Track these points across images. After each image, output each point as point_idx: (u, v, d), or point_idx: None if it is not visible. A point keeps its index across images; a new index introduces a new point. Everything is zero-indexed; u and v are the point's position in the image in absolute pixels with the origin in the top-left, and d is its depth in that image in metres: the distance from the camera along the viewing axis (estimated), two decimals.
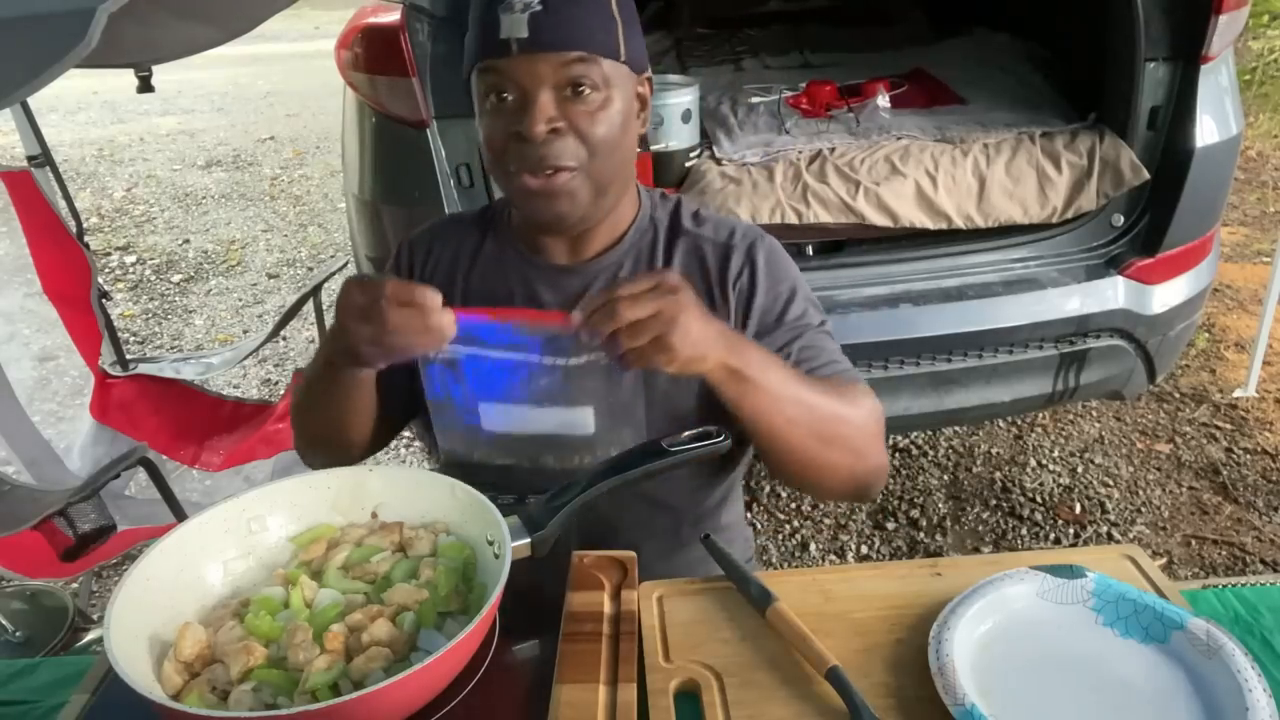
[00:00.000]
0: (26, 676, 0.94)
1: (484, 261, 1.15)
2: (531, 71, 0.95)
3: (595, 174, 1.00)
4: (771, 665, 0.85)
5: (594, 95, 0.97)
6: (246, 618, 0.80)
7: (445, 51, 1.96)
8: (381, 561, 0.88)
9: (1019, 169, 2.19)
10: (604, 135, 0.98)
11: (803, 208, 2.15)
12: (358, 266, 2.33)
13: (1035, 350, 2.15)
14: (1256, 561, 2.39)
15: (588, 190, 1.01)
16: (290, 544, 0.91)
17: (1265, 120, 5.88)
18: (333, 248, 4.79)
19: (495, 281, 1.13)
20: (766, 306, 1.08)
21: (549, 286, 1.11)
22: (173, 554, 0.84)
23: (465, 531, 0.90)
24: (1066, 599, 0.89)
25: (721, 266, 1.09)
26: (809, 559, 2.45)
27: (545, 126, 0.95)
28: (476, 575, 0.87)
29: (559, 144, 0.97)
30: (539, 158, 0.97)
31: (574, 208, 1.01)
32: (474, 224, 1.19)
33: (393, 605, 0.82)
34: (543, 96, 0.95)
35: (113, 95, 7.90)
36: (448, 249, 1.17)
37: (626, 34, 0.99)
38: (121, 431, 2.35)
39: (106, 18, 0.72)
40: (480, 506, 0.87)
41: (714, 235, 1.11)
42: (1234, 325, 3.56)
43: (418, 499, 0.92)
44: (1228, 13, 2.02)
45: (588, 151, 0.98)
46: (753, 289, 1.08)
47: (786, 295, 1.09)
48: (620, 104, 0.99)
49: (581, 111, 0.97)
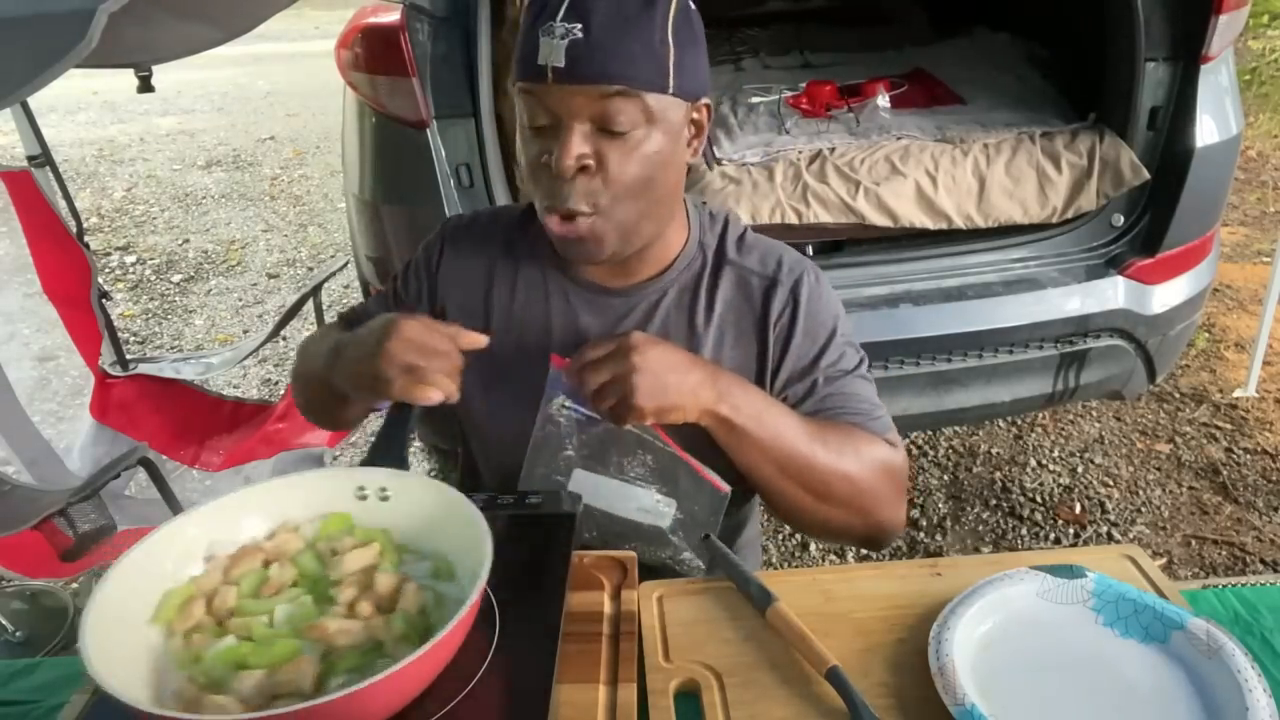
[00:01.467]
0: (26, 676, 0.94)
1: (523, 275, 1.10)
2: (566, 103, 0.90)
3: (620, 216, 0.95)
4: (771, 665, 0.85)
5: (632, 134, 0.91)
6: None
7: (445, 51, 1.96)
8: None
9: (1019, 169, 2.19)
10: (635, 176, 0.93)
11: (803, 208, 2.15)
12: (358, 266, 2.33)
13: (1035, 350, 2.15)
14: (1256, 561, 2.39)
15: (612, 232, 0.96)
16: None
17: (1265, 120, 5.88)
18: (333, 248, 4.79)
19: (532, 297, 1.09)
20: (803, 350, 1.06)
21: (589, 308, 1.07)
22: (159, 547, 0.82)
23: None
24: (1066, 599, 0.89)
25: (765, 303, 1.06)
26: (809, 559, 2.45)
27: (574, 164, 0.90)
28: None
29: (583, 183, 0.92)
30: (562, 195, 0.93)
31: (599, 249, 0.97)
32: (517, 228, 1.12)
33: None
34: (575, 131, 0.90)
35: (113, 95, 7.90)
36: (481, 257, 1.12)
37: (680, 61, 0.91)
38: (121, 431, 2.35)
39: (106, 18, 0.72)
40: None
41: (760, 268, 1.08)
42: (1234, 325, 3.56)
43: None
44: (1228, 13, 2.02)
45: (612, 195, 0.93)
46: (791, 330, 1.06)
47: (824, 339, 1.07)
48: (661, 140, 0.93)
49: (615, 149, 0.91)
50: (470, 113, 1.99)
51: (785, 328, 1.06)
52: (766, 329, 1.06)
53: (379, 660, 0.75)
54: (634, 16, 0.88)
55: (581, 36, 0.87)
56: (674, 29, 0.91)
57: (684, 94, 0.94)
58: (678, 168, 0.99)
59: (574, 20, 0.87)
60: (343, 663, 0.74)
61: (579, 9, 0.88)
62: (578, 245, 0.97)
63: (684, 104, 0.95)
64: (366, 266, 2.23)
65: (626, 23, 0.88)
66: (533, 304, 1.09)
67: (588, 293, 1.08)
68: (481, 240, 1.14)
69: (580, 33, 0.87)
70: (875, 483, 1.00)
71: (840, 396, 1.05)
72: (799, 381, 1.06)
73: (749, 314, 1.07)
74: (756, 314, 1.07)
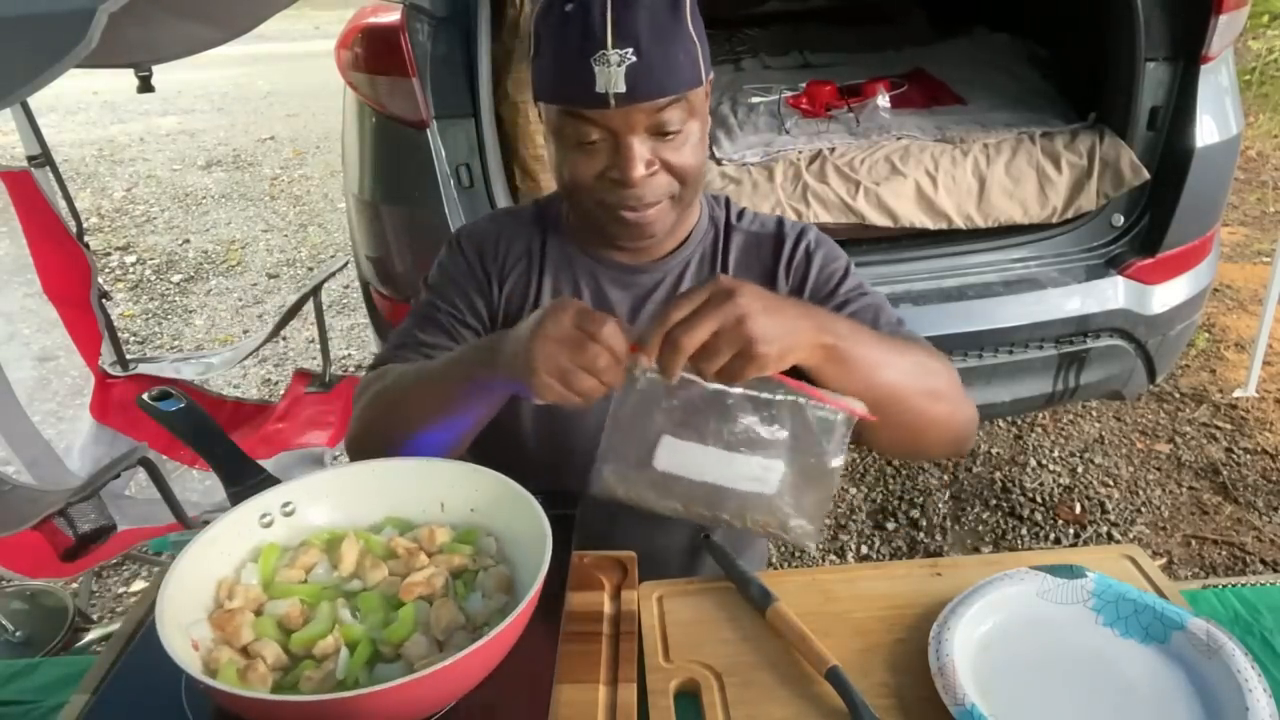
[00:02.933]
0: (26, 676, 0.94)
1: (551, 260, 1.14)
2: (627, 121, 0.94)
3: (684, 198, 1.03)
4: (771, 665, 0.85)
5: (683, 130, 0.98)
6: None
7: (445, 51, 1.96)
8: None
9: (1019, 169, 2.19)
10: (692, 164, 1.00)
11: (803, 208, 2.15)
12: (358, 266, 2.33)
13: (1035, 350, 2.15)
14: (1256, 561, 2.39)
15: (677, 212, 1.05)
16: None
17: (1265, 120, 5.88)
18: (333, 248, 4.79)
19: (564, 280, 1.13)
20: (821, 281, 1.11)
21: (616, 285, 1.13)
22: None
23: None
24: (1066, 599, 0.89)
25: (775, 252, 1.13)
26: (809, 559, 2.45)
27: (644, 172, 0.97)
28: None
29: (653, 182, 0.99)
30: (635, 196, 0.99)
31: (663, 229, 1.05)
32: (533, 221, 1.16)
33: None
34: (637, 144, 0.96)
35: (113, 95, 7.90)
36: (517, 244, 1.15)
37: (703, 47, 0.98)
38: (121, 431, 2.35)
39: (106, 18, 0.72)
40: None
41: (762, 229, 1.16)
42: (1234, 325, 3.56)
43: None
44: (1228, 13, 2.02)
45: (679, 182, 1.00)
46: (807, 266, 1.12)
47: (841, 271, 1.13)
48: (699, 126, 1.00)
49: (669, 148, 0.98)
50: (470, 113, 1.99)
51: (800, 269, 1.12)
52: (776, 277, 1.12)
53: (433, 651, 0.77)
54: (670, 25, 0.93)
55: (636, 59, 0.91)
56: (693, 21, 0.96)
57: (708, 75, 1.00)
58: (706, 142, 1.06)
59: (624, 44, 0.91)
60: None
61: (625, 32, 0.91)
62: (643, 229, 1.03)
63: (706, 85, 1.00)
64: (366, 266, 2.23)
65: (666, 32, 0.93)
66: (564, 286, 1.13)
67: (615, 271, 1.12)
68: (510, 228, 1.16)
69: (634, 55, 0.91)
70: (954, 373, 1.01)
71: (871, 310, 1.09)
72: (824, 304, 1.09)
73: (758, 267, 1.13)
74: (766, 266, 1.13)
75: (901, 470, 2.81)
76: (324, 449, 2.25)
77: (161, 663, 0.70)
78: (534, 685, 0.78)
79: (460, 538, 0.89)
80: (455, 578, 0.85)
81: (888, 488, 2.74)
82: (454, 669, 0.68)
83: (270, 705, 0.70)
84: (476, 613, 0.81)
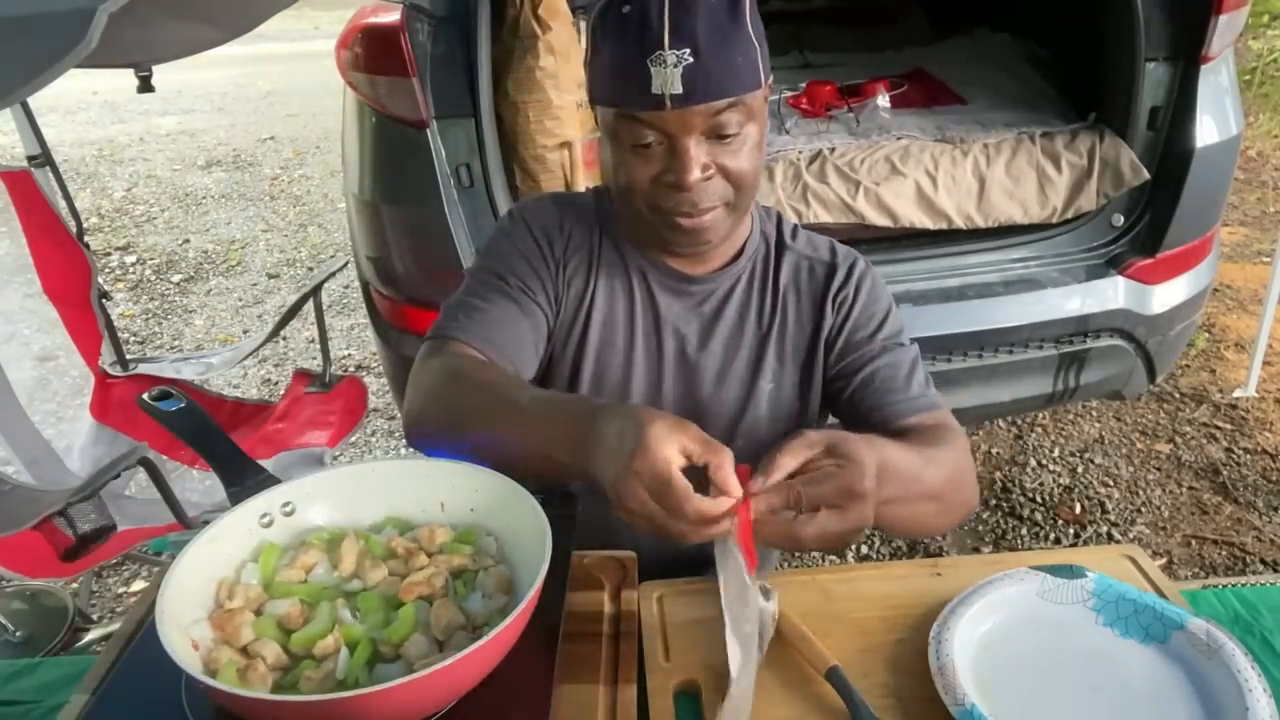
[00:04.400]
0: (26, 676, 0.94)
1: (605, 258, 1.12)
2: (683, 123, 0.93)
3: (739, 204, 1.02)
4: (771, 665, 0.85)
5: (741, 133, 0.96)
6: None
7: (445, 51, 1.96)
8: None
9: (1019, 169, 2.19)
10: (749, 169, 0.99)
11: (803, 208, 2.15)
12: (358, 266, 2.33)
13: (1035, 350, 2.15)
14: (1256, 561, 2.39)
15: (732, 219, 1.03)
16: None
17: (1265, 120, 5.88)
18: (333, 248, 4.79)
19: (617, 282, 1.12)
20: (862, 322, 1.12)
21: (668, 292, 1.11)
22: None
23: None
24: (1066, 599, 0.89)
25: (826, 281, 1.12)
26: (809, 559, 2.45)
27: (700, 176, 0.95)
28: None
29: (709, 187, 0.97)
30: (690, 201, 0.97)
31: (718, 237, 1.03)
32: (593, 213, 1.14)
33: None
34: (693, 147, 0.94)
35: (113, 95, 7.90)
36: (577, 233, 1.12)
37: (764, 50, 0.96)
38: (121, 431, 2.35)
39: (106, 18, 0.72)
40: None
41: (815, 253, 1.15)
42: (1234, 325, 3.56)
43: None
44: (1228, 13, 2.02)
45: (735, 187, 0.99)
46: (854, 303, 1.12)
47: (882, 313, 1.13)
48: (757, 130, 0.98)
49: (727, 152, 0.96)
50: (470, 113, 1.99)
51: (846, 302, 1.12)
52: (825, 304, 1.12)
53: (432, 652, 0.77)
54: (729, 27, 0.91)
55: (693, 60, 0.90)
56: (753, 23, 0.94)
57: (768, 78, 0.98)
58: (763, 147, 1.04)
59: (681, 45, 0.89)
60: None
61: (682, 33, 0.89)
62: (698, 235, 1.01)
63: (765, 88, 0.99)
64: (366, 266, 2.23)
65: (725, 35, 0.91)
66: (617, 286, 1.12)
67: (667, 278, 1.11)
68: (573, 216, 1.13)
69: (691, 56, 0.89)
70: (968, 463, 1.01)
71: (895, 367, 1.08)
72: (857, 350, 1.10)
73: (809, 293, 1.13)
74: (818, 292, 1.13)
75: None
76: (324, 449, 2.25)
77: (161, 663, 0.70)
78: (534, 685, 0.78)
79: (460, 538, 0.89)
80: (455, 578, 0.85)
81: None
82: (454, 669, 0.68)
83: (270, 705, 0.70)
84: (476, 613, 0.81)
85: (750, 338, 1.12)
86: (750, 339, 1.12)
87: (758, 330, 1.13)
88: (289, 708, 0.70)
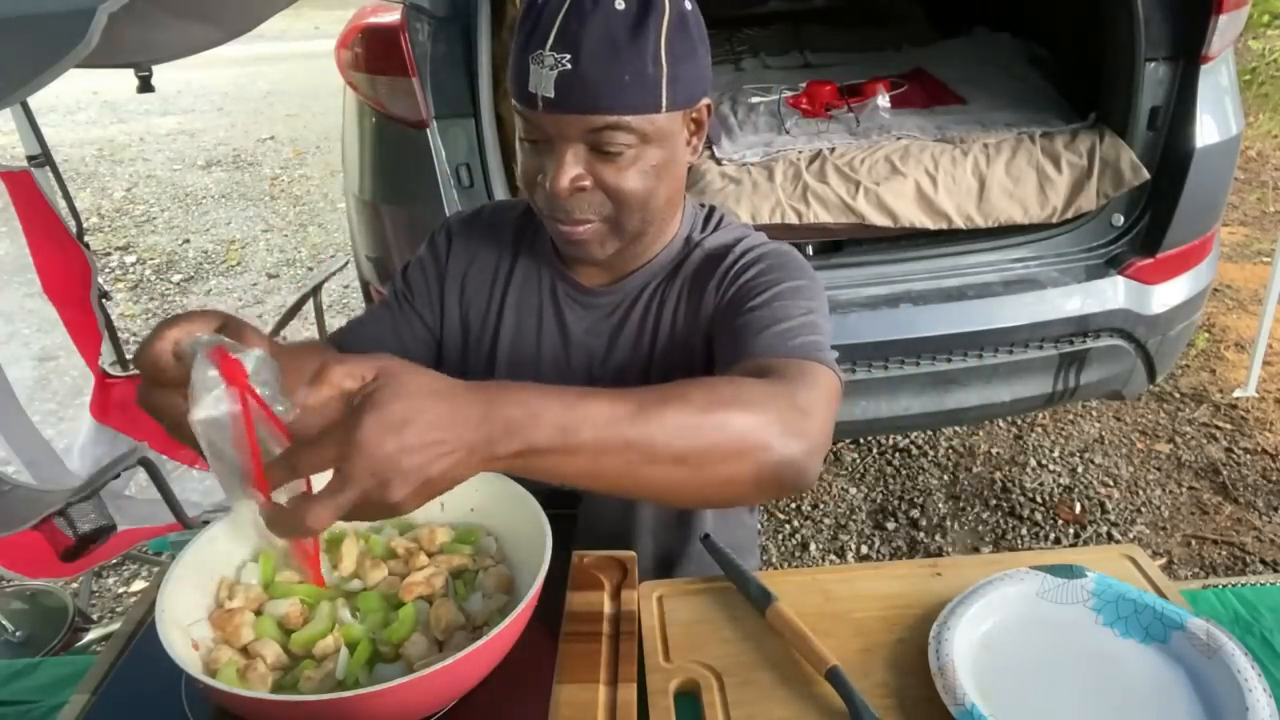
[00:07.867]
0: (26, 676, 0.94)
1: (520, 271, 1.11)
2: (557, 128, 0.90)
3: (622, 223, 0.96)
4: (771, 665, 0.85)
5: (626, 153, 0.91)
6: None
7: (445, 51, 1.96)
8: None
9: (1019, 169, 2.19)
10: (635, 190, 0.93)
11: (803, 208, 2.15)
12: (358, 266, 2.33)
13: (1035, 350, 2.15)
14: (1256, 561, 2.39)
15: (615, 236, 0.97)
16: None
17: (1265, 120, 5.88)
18: (333, 248, 4.79)
19: (527, 300, 1.10)
20: (743, 295, 0.98)
21: (578, 306, 1.08)
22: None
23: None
24: (1066, 599, 0.89)
25: (716, 265, 1.03)
26: (809, 559, 2.45)
27: (569, 185, 0.91)
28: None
29: (585, 198, 0.93)
30: (563, 209, 0.94)
31: (601, 251, 0.98)
32: (522, 222, 1.13)
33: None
34: (568, 155, 0.91)
35: (113, 95, 7.90)
36: (491, 247, 1.12)
37: (675, 76, 0.89)
38: (121, 431, 2.35)
39: (106, 18, 0.72)
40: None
41: (719, 243, 1.06)
42: (1234, 325, 3.56)
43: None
44: (1228, 13, 2.02)
45: (614, 205, 0.94)
46: (736, 280, 1.00)
47: (772, 288, 0.97)
48: (657, 154, 0.93)
49: (609, 168, 0.92)
50: (470, 113, 1.99)
51: (727, 280, 1.01)
52: (709, 289, 1.02)
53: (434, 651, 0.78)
54: (624, 44, 0.86)
55: (571, 68, 0.86)
56: (668, 46, 0.88)
57: (680, 105, 0.92)
58: (676, 173, 0.98)
59: (563, 50, 0.86)
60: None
61: (568, 39, 0.86)
62: (581, 246, 0.98)
63: (681, 113, 0.94)
64: (366, 266, 2.23)
65: (616, 51, 0.86)
66: (528, 299, 1.10)
67: (575, 291, 1.08)
68: (488, 234, 1.14)
69: (569, 64, 0.86)
70: (747, 423, 0.74)
71: (765, 311, 0.94)
72: (739, 315, 0.96)
73: (700, 283, 1.04)
74: (706, 280, 1.03)
75: (901, 470, 2.81)
76: None
77: (161, 663, 0.70)
78: (534, 685, 0.78)
79: (460, 538, 0.89)
80: (455, 578, 0.85)
81: (888, 488, 2.74)
82: (454, 669, 0.68)
83: (270, 705, 0.70)
84: (476, 613, 0.81)
85: (648, 342, 1.06)
86: (648, 343, 1.06)
87: (655, 334, 1.06)
88: (289, 707, 0.70)
